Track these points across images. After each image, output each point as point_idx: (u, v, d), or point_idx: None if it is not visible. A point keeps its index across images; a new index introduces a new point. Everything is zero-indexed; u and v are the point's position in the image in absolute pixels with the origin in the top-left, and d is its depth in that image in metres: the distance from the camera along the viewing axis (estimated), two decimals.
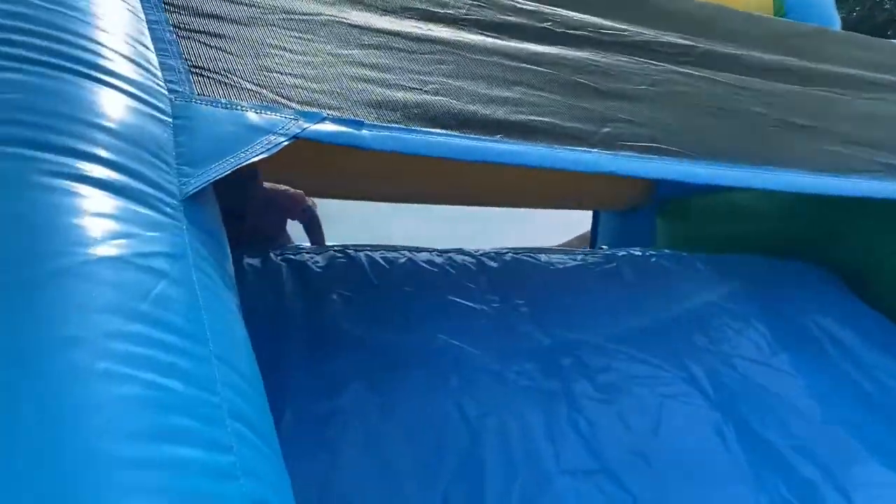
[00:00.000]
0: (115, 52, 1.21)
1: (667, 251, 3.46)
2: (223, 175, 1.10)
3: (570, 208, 4.88)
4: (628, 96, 1.97)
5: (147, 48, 1.29)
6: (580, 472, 2.01)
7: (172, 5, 1.45)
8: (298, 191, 2.84)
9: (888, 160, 2.30)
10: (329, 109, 1.37)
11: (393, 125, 1.40)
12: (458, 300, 2.45)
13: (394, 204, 4.28)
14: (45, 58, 1.12)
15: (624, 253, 3.22)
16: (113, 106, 1.09)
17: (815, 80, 2.60)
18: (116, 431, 0.68)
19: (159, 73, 1.24)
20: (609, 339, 2.53)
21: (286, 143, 1.22)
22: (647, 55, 2.25)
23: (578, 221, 4.85)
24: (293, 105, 1.33)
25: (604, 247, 4.29)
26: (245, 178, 2.28)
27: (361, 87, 1.48)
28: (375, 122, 1.38)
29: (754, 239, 3.79)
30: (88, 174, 0.93)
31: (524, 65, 1.89)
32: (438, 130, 1.45)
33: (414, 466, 1.90)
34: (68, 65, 1.13)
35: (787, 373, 2.70)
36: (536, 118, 1.66)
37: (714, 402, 2.42)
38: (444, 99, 1.57)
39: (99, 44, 1.19)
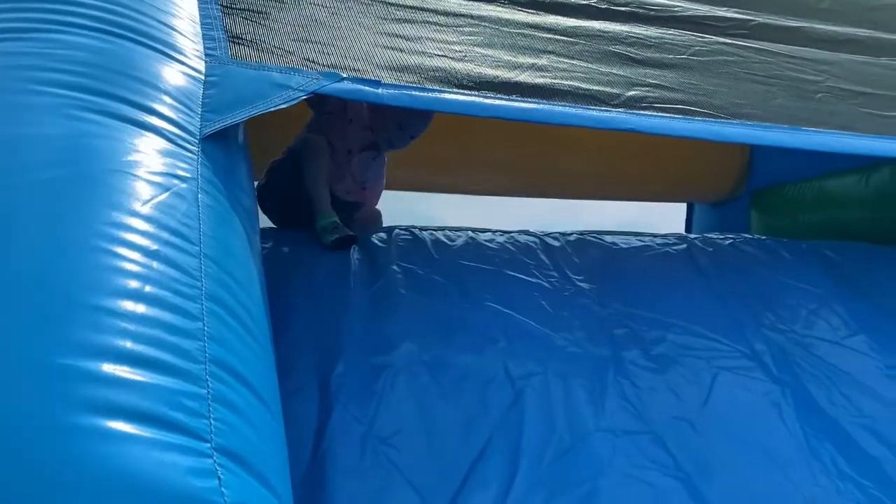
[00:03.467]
0: (164, 24, 1.42)
1: (747, 236, 3.40)
2: (240, 120, 1.28)
3: (663, 200, 4.87)
4: (665, 64, 2.02)
5: (194, 22, 1.49)
6: (620, 431, 2.05)
7: None
8: None
9: None
10: (351, 72, 1.52)
11: (410, 85, 1.54)
12: (514, 274, 2.54)
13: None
14: (108, 27, 1.34)
15: (698, 237, 3.21)
16: (153, 66, 1.29)
17: (887, 50, 2.53)
18: (99, 287, 0.85)
19: (200, 42, 1.44)
20: (668, 313, 2.55)
21: (303, 97, 1.39)
22: (695, 28, 2.28)
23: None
24: (317, 67, 1.49)
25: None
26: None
27: (386, 54, 1.63)
28: (393, 82, 1.52)
29: (849, 226, 3.65)
30: (119, 112, 1.13)
31: (558, 36, 1.98)
32: (454, 90, 1.58)
33: (457, 418, 2.00)
34: (125, 33, 1.35)
35: (864, 353, 2.61)
36: (559, 82, 1.75)
37: (774, 377, 2.38)
38: (468, 64, 1.70)
39: (150, 18, 1.41)
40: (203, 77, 1.34)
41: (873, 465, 2.15)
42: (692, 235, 3.17)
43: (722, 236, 3.27)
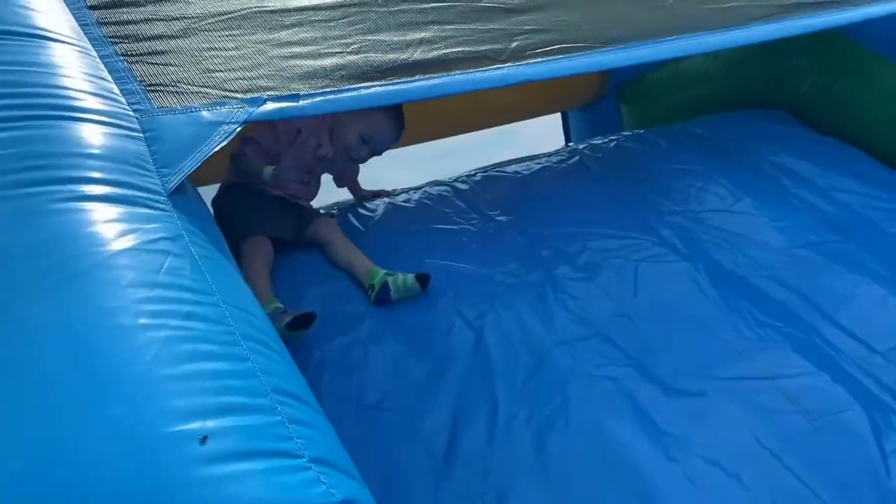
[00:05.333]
0: (82, 91, 1.47)
1: (626, 133, 3.69)
2: (193, 168, 1.38)
3: (542, 115, 5.11)
4: (533, 7, 2.19)
5: (107, 80, 1.54)
6: (573, 341, 2.30)
7: (117, 37, 1.70)
8: None
9: (784, 1, 2.51)
10: (268, 91, 1.62)
11: (325, 90, 1.65)
12: (440, 227, 2.72)
13: None
14: (27, 112, 1.38)
15: (585, 145, 3.46)
16: (92, 136, 1.35)
17: None
18: (163, 359, 0.96)
19: (122, 99, 1.50)
20: (581, 224, 2.80)
21: (238, 128, 1.48)
22: None
23: None
24: (237, 95, 1.58)
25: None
26: None
27: (291, 64, 1.73)
28: (309, 92, 1.63)
29: (708, 100, 4.00)
30: (90, 193, 1.20)
31: (433, 4, 2.11)
32: (365, 84, 1.70)
33: (431, 368, 2.19)
34: (48, 112, 1.39)
35: (751, 213, 2.95)
36: (450, 50, 1.89)
37: (685, 256, 2.69)
38: (365, 55, 1.81)
39: (67, 89, 1.45)
40: (142, 135, 1.41)
41: (780, 307, 2.49)
42: (581, 146, 3.42)
43: (605, 139, 3.54)
